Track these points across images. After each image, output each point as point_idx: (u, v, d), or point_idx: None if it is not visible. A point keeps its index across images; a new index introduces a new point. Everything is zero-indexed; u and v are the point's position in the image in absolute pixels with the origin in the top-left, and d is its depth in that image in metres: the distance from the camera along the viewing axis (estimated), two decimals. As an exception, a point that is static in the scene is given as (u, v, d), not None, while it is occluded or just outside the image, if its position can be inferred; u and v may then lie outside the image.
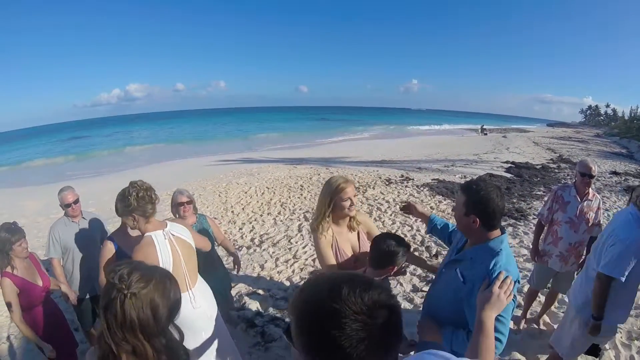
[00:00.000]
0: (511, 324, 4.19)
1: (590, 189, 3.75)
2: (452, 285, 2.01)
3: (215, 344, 2.63)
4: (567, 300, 4.59)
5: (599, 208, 3.72)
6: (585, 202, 3.70)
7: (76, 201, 3.71)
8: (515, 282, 1.79)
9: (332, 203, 2.62)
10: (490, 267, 1.80)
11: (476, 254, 1.93)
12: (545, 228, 4.08)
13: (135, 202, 2.35)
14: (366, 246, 2.70)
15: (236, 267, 4.04)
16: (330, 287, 0.85)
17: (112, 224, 6.78)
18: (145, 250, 2.33)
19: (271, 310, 4.73)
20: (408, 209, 2.82)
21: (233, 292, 4.79)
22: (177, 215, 3.58)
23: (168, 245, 2.45)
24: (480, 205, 1.87)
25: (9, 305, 2.77)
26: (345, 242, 2.71)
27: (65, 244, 3.63)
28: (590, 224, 3.72)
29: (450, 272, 2.04)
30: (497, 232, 1.94)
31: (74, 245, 3.65)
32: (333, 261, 2.61)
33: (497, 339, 1.73)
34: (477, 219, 1.88)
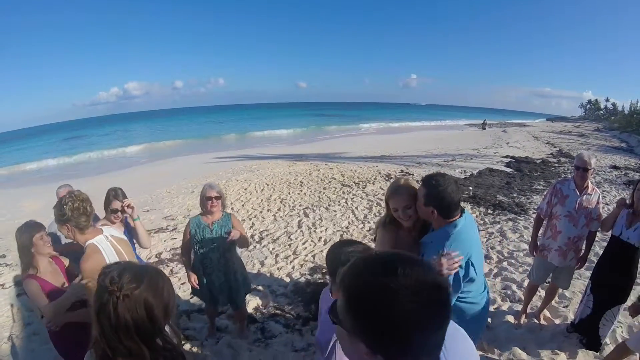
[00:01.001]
0: (511, 319, 4.22)
1: (589, 182, 3.73)
2: None
3: None
4: (567, 295, 4.60)
5: (598, 202, 3.70)
6: (585, 196, 3.68)
7: None
8: (467, 261, 2.13)
9: (388, 207, 2.47)
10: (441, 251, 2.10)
11: (434, 238, 2.24)
12: (545, 222, 4.07)
13: (70, 212, 2.36)
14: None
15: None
16: (382, 263, 0.85)
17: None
18: (93, 258, 2.35)
19: (271, 306, 4.73)
20: None
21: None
22: (204, 209, 3.56)
23: (112, 248, 2.51)
24: (437, 199, 2.15)
25: (37, 306, 2.60)
26: (402, 247, 2.39)
27: (59, 243, 3.56)
28: (589, 218, 3.71)
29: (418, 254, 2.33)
30: (456, 217, 2.23)
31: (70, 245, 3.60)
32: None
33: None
34: (435, 210, 2.18)
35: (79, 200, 2.39)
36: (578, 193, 3.69)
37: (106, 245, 2.48)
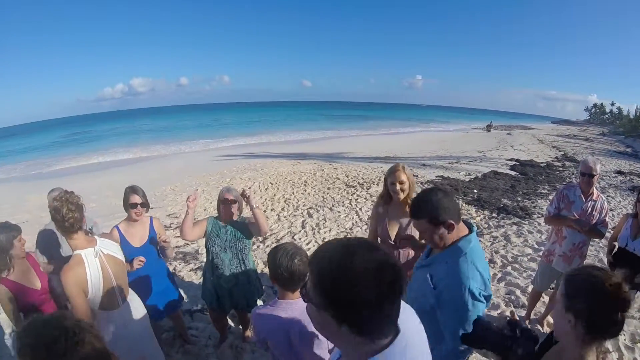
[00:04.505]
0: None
1: (594, 188, 3.71)
2: (422, 289, 2.02)
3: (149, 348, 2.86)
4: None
5: (602, 208, 3.68)
6: (590, 202, 3.66)
7: None
8: (481, 279, 1.86)
9: (386, 184, 3.08)
10: (459, 282, 1.83)
11: (447, 257, 1.93)
12: (550, 228, 4.06)
13: (55, 213, 2.32)
14: (414, 231, 2.91)
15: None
16: (345, 247, 0.98)
17: (113, 219, 6.81)
18: (75, 270, 2.35)
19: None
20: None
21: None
22: (220, 212, 3.53)
23: (98, 263, 2.47)
24: (447, 209, 1.87)
25: (6, 311, 2.65)
26: (394, 222, 3.07)
27: (52, 256, 3.35)
28: (594, 223, 3.68)
29: (422, 276, 2.04)
30: (465, 229, 1.97)
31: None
32: (371, 235, 3.25)
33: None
34: (452, 222, 1.87)
35: (61, 201, 2.33)
36: (584, 199, 3.67)
37: (93, 260, 2.45)
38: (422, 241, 2.61)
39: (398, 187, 2.99)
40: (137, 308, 2.82)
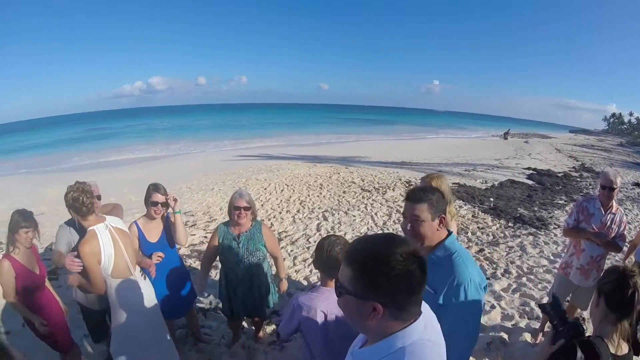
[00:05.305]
0: (528, 337, 4.17)
1: (613, 201, 3.68)
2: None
3: (154, 326, 3.07)
4: (585, 316, 4.53)
5: (621, 221, 3.65)
6: (609, 215, 3.63)
7: (98, 197, 3.36)
8: (478, 270, 1.95)
9: None
10: (461, 278, 1.85)
11: (437, 257, 1.95)
12: (568, 240, 4.03)
13: (71, 201, 2.65)
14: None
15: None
16: (381, 239, 1.10)
17: (130, 215, 6.90)
18: (90, 243, 2.67)
19: (288, 309, 4.73)
20: None
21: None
22: (231, 219, 3.44)
23: (109, 236, 2.79)
24: (442, 204, 1.95)
25: (3, 287, 2.87)
26: None
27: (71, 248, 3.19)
28: (612, 237, 3.65)
29: None
30: (445, 232, 2.01)
31: None
32: None
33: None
34: (442, 215, 1.94)
35: (79, 191, 2.64)
36: (603, 212, 3.64)
37: (104, 233, 2.76)
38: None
39: None
40: (146, 280, 3.13)
